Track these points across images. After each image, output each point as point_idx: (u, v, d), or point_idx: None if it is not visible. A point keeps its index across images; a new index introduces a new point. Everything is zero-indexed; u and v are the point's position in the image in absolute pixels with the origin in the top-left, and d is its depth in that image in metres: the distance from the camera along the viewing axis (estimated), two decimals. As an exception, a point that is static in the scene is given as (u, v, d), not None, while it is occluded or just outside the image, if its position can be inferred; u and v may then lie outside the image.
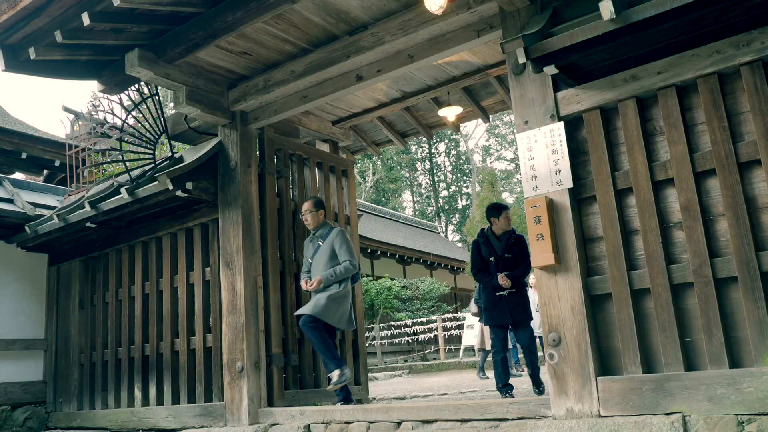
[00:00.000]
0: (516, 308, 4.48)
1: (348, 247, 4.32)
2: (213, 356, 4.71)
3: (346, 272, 4.24)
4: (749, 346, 2.65)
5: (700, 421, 2.60)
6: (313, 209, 4.42)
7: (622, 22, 2.66)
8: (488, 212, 4.69)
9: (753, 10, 2.72)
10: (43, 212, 5.97)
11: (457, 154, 33.50)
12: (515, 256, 4.53)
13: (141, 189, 4.76)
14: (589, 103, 3.14)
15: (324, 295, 4.19)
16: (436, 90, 5.14)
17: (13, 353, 5.87)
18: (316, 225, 4.43)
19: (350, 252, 4.30)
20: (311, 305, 4.19)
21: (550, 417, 3.04)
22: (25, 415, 5.78)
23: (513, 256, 4.52)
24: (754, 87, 2.74)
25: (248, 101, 4.68)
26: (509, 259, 4.53)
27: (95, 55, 4.32)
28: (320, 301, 4.16)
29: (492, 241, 4.60)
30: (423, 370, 12.31)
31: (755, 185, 2.75)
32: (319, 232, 4.42)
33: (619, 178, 3.08)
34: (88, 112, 6.29)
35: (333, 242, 4.31)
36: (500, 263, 4.51)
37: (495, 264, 4.52)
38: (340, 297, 4.23)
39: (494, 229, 4.62)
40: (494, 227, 4.62)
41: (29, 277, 6.15)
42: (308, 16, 3.94)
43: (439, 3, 3.27)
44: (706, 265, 2.77)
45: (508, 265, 4.50)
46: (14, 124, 8.78)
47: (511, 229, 4.66)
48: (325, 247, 4.33)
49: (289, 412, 4.12)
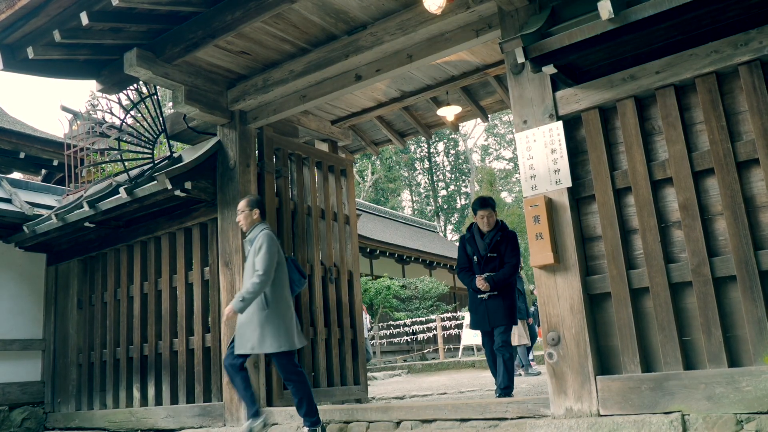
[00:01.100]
0: (496, 312, 4.12)
1: (264, 254, 3.51)
2: (212, 356, 4.71)
3: (254, 292, 3.46)
4: (748, 345, 2.66)
5: (699, 420, 2.60)
6: (246, 208, 3.73)
7: (621, 22, 2.66)
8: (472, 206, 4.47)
9: (751, 10, 2.72)
10: (41, 212, 5.96)
11: (456, 154, 33.51)
12: (501, 256, 4.18)
13: (140, 189, 4.76)
14: (588, 103, 3.15)
15: (246, 326, 3.54)
16: (435, 89, 5.14)
17: (11, 353, 5.85)
18: (248, 227, 3.74)
19: (264, 260, 3.48)
20: (237, 341, 3.59)
21: (550, 416, 3.04)
22: (23, 416, 5.77)
23: (498, 255, 4.18)
24: (752, 86, 2.74)
25: (247, 101, 4.67)
26: (493, 258, 4.19)
27: (94, 54, 4.31)
28: (245, 334, 3.53)
29: (476, 238, 4.29)
30: (422, 369, 12.31)
31: (753, 184, 2.75)
32: (250, 235, 3.71)
33: (617, 178, 3.08)
34: (86, 112, 6.28)
35: (255, 248, 3.60)
36: (482, 263, 4.19)
37: (477, 263, 4.21)
38: (267, 319, 3.50)
39: (480, 225, 4.30)
40: (479, 223, 4.31)
41: (27, 277, 6.14)
42: (307, 15, 3.94)
43: (438, 3, 3.27)
44: (705, 264, 2.78)
45: (492, 265, 4.18)
46: (12, 123, 8.76)
47: (497, 225, 4.28)
48: (250, 255, 3.65)
49: (288, 412, 4.12)
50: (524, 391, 5.50)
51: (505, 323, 4.14)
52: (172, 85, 4.40)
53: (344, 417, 3.81)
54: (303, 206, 5.27)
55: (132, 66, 4.08)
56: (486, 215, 4.27)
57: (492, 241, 4.20)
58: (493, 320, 4.13)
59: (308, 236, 5.28)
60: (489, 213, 4.28)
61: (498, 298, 4.13)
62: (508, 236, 4.26)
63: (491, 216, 4.28)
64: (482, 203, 4.30)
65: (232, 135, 4.76)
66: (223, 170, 4.75)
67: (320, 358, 5.03)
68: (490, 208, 4.31)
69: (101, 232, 5.62)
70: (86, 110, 6.27)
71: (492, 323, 4.13)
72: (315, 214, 5.36)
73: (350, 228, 5.73)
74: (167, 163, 5.05)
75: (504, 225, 4.34)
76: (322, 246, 5.41)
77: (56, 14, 3.73)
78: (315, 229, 5.31)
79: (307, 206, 5.32)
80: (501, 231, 4.26)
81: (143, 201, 4.83)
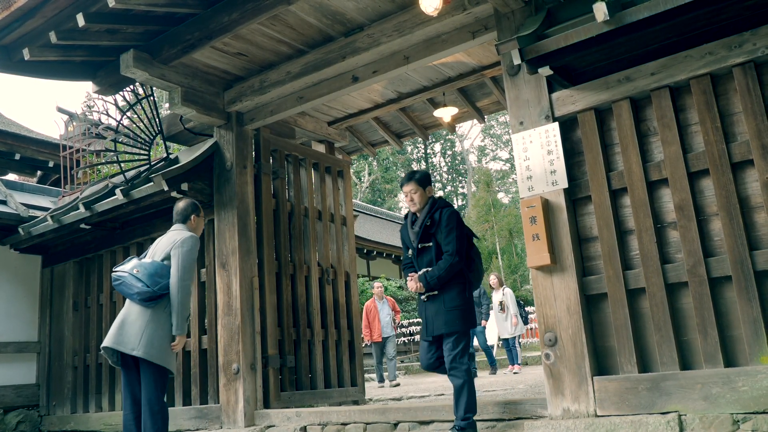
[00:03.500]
0: (435, 318, 3.14)
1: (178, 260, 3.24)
2: (208, 358, 4.70)
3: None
4: (744, 345, 2.67)
5: (696, 420, 2.62)
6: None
7: (616, 24, 2.67)
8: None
9: (745, 12, 2.74)
10: (36, 213, 5.94)
11: (453, 155, 33.57)
12: (437, 245, 3.17)
13: (136, 190, 4.74)
14: (584, 104, 3.16)
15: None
16: (431, 91, 5.15)
17: (6, 356, 5.82)
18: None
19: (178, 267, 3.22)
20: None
21: (547, 417, 3.05)
22: (17, 419, 5.74)
23: (435, 244, 3.18)
24: (746, 88, 2.76)
25: (244, 102, 4.67)
26: (427, 249, 3.19)
27: (90, 55, 4.30)
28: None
29: (408, 225, 3.33)
30: (420, 370, 12.30)
31: (748, 185, 2.77)
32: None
33: (613, 179, 3.09)
34: (82, 113, 6.27)
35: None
36: (416, 257, 3.25)
37: (413, 258, 3.27)
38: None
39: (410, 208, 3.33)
40: (408, 204, 3.34)
41: (22, 279, 6.11)
42: (304, 17, 3.94)
43: (434, 4, 3.28)
44: (701, 264, 2.79)
45: (428, 258, 3.20)
46: (8, 124, 8.73)
47: (427, 205, 3.25)
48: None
49: (286, 414, 4.12)
50: (522, 391, 5.50)
51: (450, 331, 3.09)
52: (169, 87, 4.39)
53: (341, 419, 3.81)
54: (300, 207, 5.27)
55: (128, 67, 4.07)
56: (410, 192, 3.26)
57: (422, 227, 3.21)
58: (432, 327, 3.15)
59: (305, 237, 5.27)
60: (413, 189, 3.25)
61: (438, 300, 3.15)
62: (445, 216, 3.19)
63: (418, 193, 3.24)
64: (407, 177, 3.33)
65: (229, 136, 4.76)
66: (219, 172, 4.75)
67: (317, 360, 5.03)
68: (415, 182, 3.26)
69: (97, 234, 5.61)
70: (82, 111, 6.25)
71: (431, 331, 3.16)
72: (312, 215, 5.36)
73: (347, 229, 5.73)
74: (164, 164, 5.05)
75: (437, 202, 3.27)
76: (319, 247, 5.41)
77: (52, 15, 3.72)
78: (312, 231, 5.31)
79: (304, 207, 5.32)
80: (430, 212, 3.22)
81: (139, 202, 4.82)
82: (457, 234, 3.15)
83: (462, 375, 3.05)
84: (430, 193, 3.31)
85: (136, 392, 3.23)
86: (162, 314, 3.20)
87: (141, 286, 3.17)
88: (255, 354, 4.44)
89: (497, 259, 16.65)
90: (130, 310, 3.24)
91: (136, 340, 3.13)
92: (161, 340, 3.17)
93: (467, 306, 3.18)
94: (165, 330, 3.20)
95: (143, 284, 3.17)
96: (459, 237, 3.16)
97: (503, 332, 8.96)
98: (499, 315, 8.96)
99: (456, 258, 3.12)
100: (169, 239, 3.37)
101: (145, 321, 3.17)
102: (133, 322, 3.19)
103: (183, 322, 3.22)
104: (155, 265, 3.26)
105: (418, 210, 3.29)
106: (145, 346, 3.12)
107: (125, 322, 3.21)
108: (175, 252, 3.26)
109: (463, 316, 3.14)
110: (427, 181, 3.33)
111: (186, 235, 3.35)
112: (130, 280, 3.21)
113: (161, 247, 3.37)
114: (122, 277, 3.25)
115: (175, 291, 3.19)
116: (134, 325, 3.17)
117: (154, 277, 3.20)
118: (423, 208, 3.27)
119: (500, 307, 8.94)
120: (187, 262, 3.24)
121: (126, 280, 3.22)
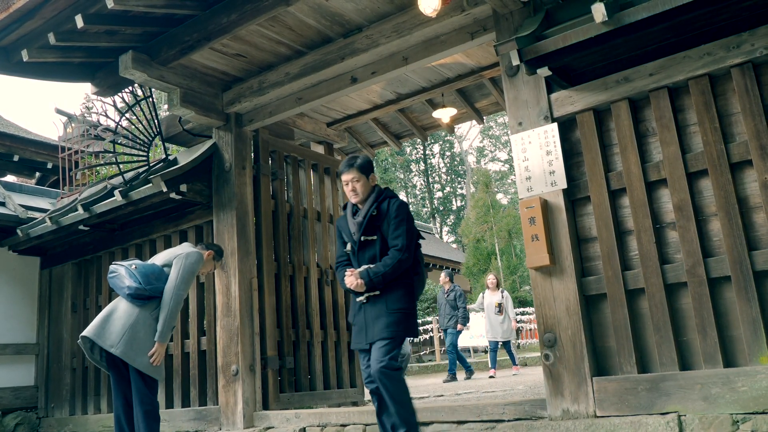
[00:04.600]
0: (375, 322, 2.72)
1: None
2: (207, 359, 4.69)
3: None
4: (743, 345, 2.67)
5: (696, 421, 2.62)
6: None
7: (614, 25, 2.68)
8: None
9: (743, 13, 2.75)
10: (35, 215, 5.93)
11: (452, 156, 33.60)
12: (382, 239, 2.80)
13: (135, 191, 4.74)
14: (583, 105, 3.16)
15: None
16: (430, 92, 5.15)
17: (5, 358, 5.81)
18: None
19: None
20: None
21: (546, 418, 3.04)
22: (16, 421, 5.72)
23: (380, 237, 2.81)
24: (745, 88, 2.77)
25: (243, 103, 4.67)
26: (370, 243, 2.81)
27: (89, 57, 4.30)
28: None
29: (348, 217, 2.93)
30: (419, 371, 12.30)
31: (747, 185, 2.77)
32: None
33: (612, 179, 3.10)
34: (81, 114, 6.26)
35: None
36: (357, 251, 2.86)
37: (353, 253, 2.88)
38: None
39: (349, 198, 2.96)
40: (347, 195, 2.97)
41: (21, 280, 6.10)
42: (303, 18, 3.94)
43: (433, 5, 3.28)
44: (700, 264, 2.79)
45: (371, 253, 2.81)
46: (6, 126, 8.73)
47: (372, 195, 2.88)
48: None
49: (285, 416, 4.11)
50: (521, 392, 5.50)
51: (391, 335, 2.68)
52: (168, 88, 4.39)
53: (341, 420, 3.80)
54: (299, 208, 5.26)
55: (127, 69, 4.07)
56: (351, 180, 2.87)
57: (366, 218, 2.82)
58: (372, 332, 2.73)
59: (304, 238, 5.27)
60: (355, 177, 2.87)
61: (380, 302, 2.74)
62: (394, 206, 2.83)
63: (360, 182, 2.87)
64: (346, 164, 2.92)
65: (228, 137, 4.75)
66: (218, 173, 4.74)
67: (316, 361, 5.02)
68: (357, 169, 2.87)
69: (96, 235, 5.60)
70: (81, 113, 6.25)
71: (370, 336, 2.73)
72: (311, 216, 5.35)
73: (346, 230, 5.72)
74: (162, 165, 5.04)
75: (384, 192, 2.91)
76: (318, 248, 5.40)
77: (51, 17, 3.72)
78: (311, 231, 5.31)
79: (303, 208, 5.31)
80: (377, 201, 2.86)
81: (138, 204, 4.81)
82: (407, 227, 2.79)
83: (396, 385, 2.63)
84: (373, 181, 2.93)
85: (126, 391, 3.17)
86: (148, 317, 3.14)
87: (133, 282, 3.11)
88: (254, 355, 4.43)
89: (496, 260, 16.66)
90: (118, 305, 3.18)
91: (117, 337, 3.05)
92: (141, 344, 3.09)
93: (412, 311, 2.80)
94: (148, 334, 3.12)
95: (136, 280, 3.11)
96: (409, 231, 2.79)
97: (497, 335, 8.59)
98: (495, 317, 8.60)
99: (405, 254, 2.74)
100: (174, 250, 3.36)
101: (130, 320, 3.09)
102: (118, 318, 3.11)
103: (168, 331, 3.15)
104: (153, 267, 3.24)
105: (361, 201, 2.89)
106: (124, 345, 3.04)
107: (110, 316, 3.13)
108: (179, 261, 3.23)
109: (407, 321, 2.75)
110: (369, 168, 2.94)
111: (194, 250, 3.32)
112: (124, 274, 3.16)
113: (164, 254, 3.36)
114: (117, 270, 3.20)
115: (168, 298, 3.13)
116: (118, 321, 3.10)
117: (149, 277, 3.16)
118: (367, 198, 2.88)
119: (498, 309, 8.59)
120: (187, 273, 3.20)
121: (120, 273, 3.18)
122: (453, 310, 8.54)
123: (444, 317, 8.68)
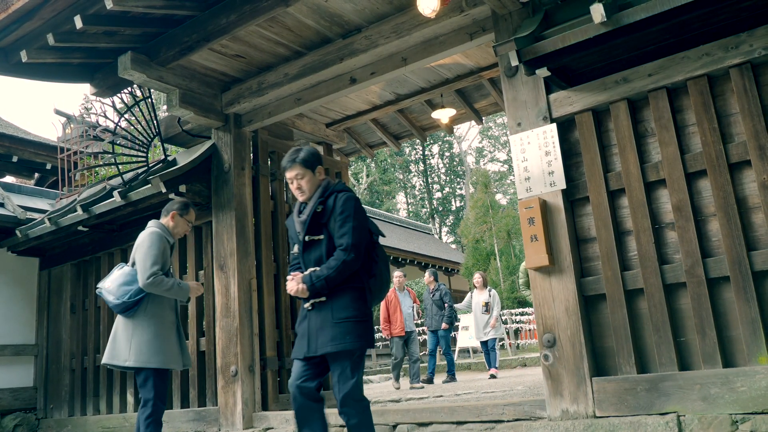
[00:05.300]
0: (319, 332, 2.43)
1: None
2: (206, 360, 4.69)
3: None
4: (742, 345, 2.68)
5: (695, 421, 2.62)
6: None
7: (613, 25, 2.68)
8: None
9: (741, 13, 2.75)
10: (34, 216, 5.93)
11: (451, 156, 33.61)
12: (329, 238, 2.51)
13: (134, 192, 4.74)
14: (581, 105, 3.17)
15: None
16: (429, 92, 5.15)
17: (4, 359, 5.80)
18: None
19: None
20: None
21: (546, 418, 3.05)
22: (15, 422, 5.72)
23: (324, 237, 2.52)
24: (743, 89, 2.77)
25: (242, 104, 4.67)
26: (316, 243, 2.53)
27: (88, 57, 4.30)
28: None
29: (294, 216, 2.66)
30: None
31: (745, 186, 2.78)
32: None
33: (611, 179, 3.10)
34: (80, 115, 6.26)
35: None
36: (302, 252, 2.58)
37: (300, 255, 2.60)
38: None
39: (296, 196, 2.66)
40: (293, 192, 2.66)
41: (20, 281, 6.09)
42: (302, 19, 3.94)
43: (432, 6, 3.28)
44: (699, 265, 2.80)
45: (317, 254, 2.53)
46: (5, 126, 8.72)
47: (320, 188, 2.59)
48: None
49: (284, 416, 4.11)
50: (520, 393, 5.50)
51: (338, 349, 2.38)
52: (167, 89, 4.39)
53: (339, 421, 3.79)
54: (298, 209, 5.26)
55: (126, 69, 4.06)
56: (295, 178, 2.59)
57: (309, 216, 2.54)
58: (315, 344, 2.43)
59: (303, 239, 5.27)
60: (299, 173, 2.58)
61: (325, 309, 2.46)
62: (340, 201, 2.52)
63: (305, 178, 2.58)
64: (289, 160, 2.61)
65: (227, 138, 4.75)
66: (217, 173, 4.74)
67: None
68: (300, 165, 2.58)
69: (95, 236, 5.59)
70: (80, 113, 6.24)
71: (312, 348, 2.43)
72: (310, 217, 5.35)
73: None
74: (161, 166, 5.04)
75: (331, 186, 2.60)
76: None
77: (50, 17, 3.72)
78: (310, 232, 5.30)
79: (303, 209, 5.31)
80: (322, 197, 2.56)
81: (137, 204, 4.81)
82: (354, 224, 2.47)
83: (359, 413, 2.38)
84: (321, 175, 2.62)
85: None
86: (144, 318, 3.23)
87: (113, 299, 3.23)
88: (253, 356, 4.43)
89: (495, 261, 16.67)
90: (117, 323, 3.31)
91: (126, 351, 3.18)
92: (149, 344, 3.19)
93: (364, 318, 2.46)
94: (152, 332, 3.22)
95: (114, 297, 3.23)
96: (356, 228, 2.47)
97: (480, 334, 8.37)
98: (482, 317, 8.39)
99: (351, 255, 2.42)
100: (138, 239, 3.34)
101: (130, 331, 3.22)
102: (120, 335, 3.25)
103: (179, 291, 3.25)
104: (124, 273, 3.29)
105: (308, 199, 2.60)
106: (136, 355, 3.16)
107: (115, 336, 3.28)
108: (136, 256, 3.28)
109: (358, 330, 2.41)
110: (315, 162, 2.61)
111: (145, 234, 3.31)
112: (106, 296, 3.28)
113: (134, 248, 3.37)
114: (101, 293, 3.34)
115: (150, 289, 3.19)
116: (121, 337, 3.24)
117: (122, 287, 3.23)
118: (313, 195, 2.59)
119: (485, 308, 8.36)
120: (146, 264, 3.18)
121: (103, 295, 3.31)
122: (440, 309, 8.24)
123: (431, 318, 8.35)
